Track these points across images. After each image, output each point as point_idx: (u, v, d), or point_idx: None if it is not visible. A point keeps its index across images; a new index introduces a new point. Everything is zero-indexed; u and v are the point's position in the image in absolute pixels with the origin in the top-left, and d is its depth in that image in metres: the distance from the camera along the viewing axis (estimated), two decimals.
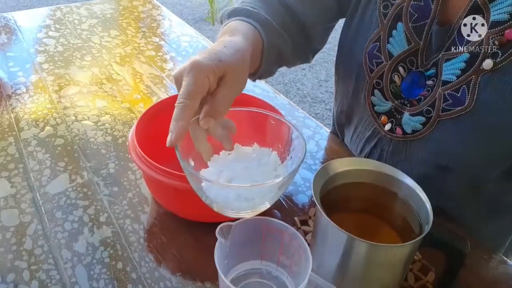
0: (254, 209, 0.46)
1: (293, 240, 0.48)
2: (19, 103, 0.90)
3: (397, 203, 0.53)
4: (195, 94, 0.43)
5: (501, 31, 0.53)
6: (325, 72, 2.93)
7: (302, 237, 0.47)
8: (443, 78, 0.59)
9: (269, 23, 0.64)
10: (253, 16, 0.62)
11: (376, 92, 0.66)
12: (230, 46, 0.49)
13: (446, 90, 0.58)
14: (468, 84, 0.56)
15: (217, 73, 0.45)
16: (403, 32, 0.61)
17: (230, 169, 0.46)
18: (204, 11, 3.91)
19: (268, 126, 0.51)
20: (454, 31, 0.57)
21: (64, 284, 0.55)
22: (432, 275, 0.56)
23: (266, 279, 0.52)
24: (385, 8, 0.62)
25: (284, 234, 0.48)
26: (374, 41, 0.64)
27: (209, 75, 0.44)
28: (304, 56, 0.76)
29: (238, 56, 0.48)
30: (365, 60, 0.66)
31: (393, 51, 0.63)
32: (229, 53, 0.47)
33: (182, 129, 0.42)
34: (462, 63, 0.56)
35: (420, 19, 0.59)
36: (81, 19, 1.31)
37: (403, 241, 0.51)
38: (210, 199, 0.44)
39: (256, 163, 0.47)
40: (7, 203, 0.66)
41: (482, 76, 0.55)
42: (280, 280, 0.52)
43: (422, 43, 0.60)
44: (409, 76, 0.63)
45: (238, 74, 0.47)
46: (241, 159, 0.47)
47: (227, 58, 0.46)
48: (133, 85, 0.99)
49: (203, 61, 0.44)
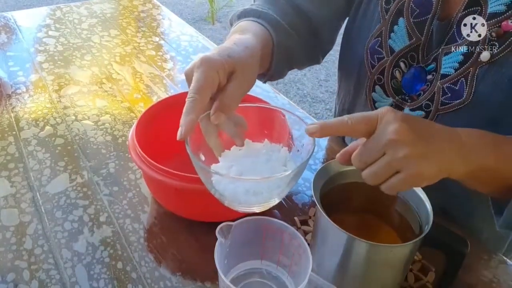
0: (263, 204, 0.46)
1: (293, 240, 0.48)
2: (19, 102, 0.90)
3: (397, 203, 0.53)
4: (204, 89, 0.43)
5: (498, 22, 0.53)
6: (325, 72, 2.93)
7: (302, 237, 0.47)
8: (441, 72, 0.59)
9: (279, 23, 0.64)
10: (263, 16, 0.63)
11: (377, 88, 0.67)
12: (240, 43, 0.50)
13: (444, 84, 0.59)
14: (466, 77, 0.56)
15: (226, 69, 0.45)
16: (404, 28, 0.61)
17: (240, 164, 0.46)
18: (204, 11, 3.90)
19: (277, 122, 0.51)
20: (453, 25, 0.57)
21: (64, 284, 0.55)
22: (432, 275, 0.56)
23: (266, 279, 0.52)
24: (387, 3, 0.63)
25: (284, 234, 0.48)
26: (376, 36, 0.64)
27: (219, 70, 0.44)
28: (315, 57, 0.77)
29: (248, 53, 0.49)
30: (367, 56, 0.66)
31: (394, 46, 0.63)
32: (239, 50, 0.48)
33: (192, 123, 0.42)
34: (460, 56, 0.57)
35: (422, 14, 0.60)
36: (81, 18, 1.31)
37: (403, 241, 0.51)
38: (219, 193, 0.45)
39: (266, 158, 0.47)
40: (7, 203, 0.66)
41: (479, 68, 0.55)
42: (280, 280, 0.52)
43: (424, 38, 0.60)
44: (410, 71, 0.63)
45: (247, 70, 0.47)
46: (251, 154, 0.48)
47: (237, 54, 0.47)
48: (133, 85, 0.99)
49: (212, 56, 0.45)
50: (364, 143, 0.43)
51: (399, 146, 0.40)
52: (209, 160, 0.48)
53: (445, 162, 0.43)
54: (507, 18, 0.52)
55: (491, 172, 0.47)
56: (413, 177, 0.41)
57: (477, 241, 0.61)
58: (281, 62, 0.68)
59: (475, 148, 0.46)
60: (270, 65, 0.66)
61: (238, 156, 0.48)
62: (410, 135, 0.41)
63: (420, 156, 0.41)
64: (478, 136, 0.47)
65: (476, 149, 0.46)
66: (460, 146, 0.45)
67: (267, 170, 0.46)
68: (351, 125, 0.42)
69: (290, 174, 0.44)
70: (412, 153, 0.40)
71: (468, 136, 0.46)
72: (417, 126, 0.42)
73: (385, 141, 0.41)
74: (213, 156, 0.48)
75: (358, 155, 0.43)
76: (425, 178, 0.42)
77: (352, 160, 0.44)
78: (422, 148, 0.41)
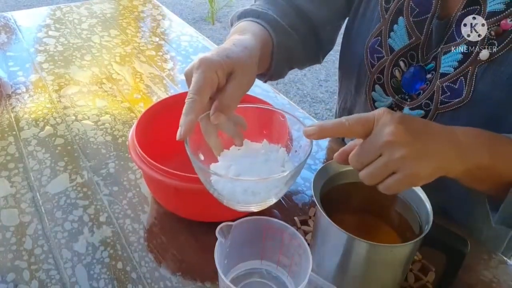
0: (261, 203, 0.47)
1: (293, 240, 0.48)
2: (19, 102, 0.90)
3: (397, 203, 0.53)
4: (203, 90, 0.44)
5: (497, 21, 0.53)
6: (325, 72, 2.93)
7: (302, 237, 0.47)
8: (441, 71, 0.59)
9: (278, 23, 0.65)
10: (262, 16, 0.63)
11: (377, 88, 0.67)
12: (239, 43, 0.50)
13: (444, 82, 0.59)
14: (465, 76, 0.57)
15: (225, 69, 0.46)
16: (404, 27, 0.61)
17: (239, 164, 0.47)
18: (204, 11, 3.90)
19: (276, 122, 0.52)
20: (453, 24, 0.57)
21: (64, 284, 0.55)
22: (432, 275, 0.56)
23: (266, 279, 0.52)
24: (386, 2, 0.63)
25: (284, 234, 0.48)
26: (376, 35, 0.65)
27: (218, 70, 0.45)
28: (315, 57, 0.77)
29: (247, 53, 0.49)
30: (367, 55, 0.66)
31: (394, 45, 0.63)
32: (238, 50, 0.48)
33: (191, 123, 0.43)
34: (459, 55, 0.57)
35: (421, 13, 0.60)
36: (81, 18, 1.31)
37: (403, 241, 0.51)
38: (218, 192, 0.45)
39: (264, 158, 0.48)
40: (7, 203, 0.66)
41: (479, 67, 0.56)
42: (280, 280, 0.52)
43: (423, 37, 0.60)
44: (410, 70, 0.63)
45: (246, 70, 0.48)
46: (249, 154, 0.48)
47: (235, 54, 0.47)
48: (133, 85, 0.99)
49: (211, 57, 0.45)
50: (361, 144, 0.43)
51: (396, 147, 0.41)
52: (208, 159, 0.49)
53: (442, 161, 0.43)
54: (506, 17, 0.53)
55: (487, 170, 0.47)
56: (409, 177, 0.42)
57: (477, 241, 0.61)
58: (281, 62, 0.68)
59: (471, 147, 0.46)
60: (270, 64, 0.66)
61: (237, 156, 0.48)
62: (406, 137, 0.41)
63: (416, 156, 0.41)
64: (475, 135, 0.48)
65: (473, 148, 0.46)
66: (457, 145, 0.45)
67: (265, 170, 0.47)
68: (348, 126, 0.43)
69: (287, 175, 0.44)
70: (408, 154, 0.41)
71: (464, 135, 0.46)
72: (414, 127, 0.43)
73: (382, 143, 0.41)
74: (212, 155, 0.48)
75: (355, 155, 0.43)
76: (421, 178, 0.42)
77: (350, 160, 0.44)
78: (418, 148, 0.41)
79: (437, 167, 0.43)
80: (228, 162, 0.47)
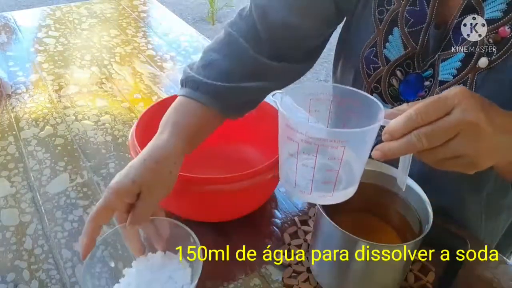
0: None
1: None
2: (19, 102, 0.90)
3: (397, 203, 0.53)
4: (98, 218, 0.49)
5: (495, 29, 0.53)
6: (325, 72, 2.93)
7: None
8: (440, 78, 0.59)
9: (223, 87, 0.59)
10: (201, 88, 0.59)
11: (375, 96, 0.66)
12: (150, 158, 0.52)
13: (442, 90, 0.58)
14: (464, 83, 0.56)
15: (133, 191, 0.50)
16: (399, 37, 0.61)
17: (139, 279, 0.51)
18: (204, 11, 3.91)
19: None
20: (450, 31, 0.57)
21: (64, 284, 0.55)
22: (432, 275, 0.56)
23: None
24: (380, 13, 0.62)
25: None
26: (371, 46, 0.64)
27: (124, 197, 0.49)
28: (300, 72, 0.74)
29: (157, 169, 0.52)
30: (362, 65, 0.66)
31: (389, 56, 0.62)
32: (146, 171, 0.51)
33: (87, 246, 0.49)
34: (458, 63, 0.56)
35: (416, 23, 0.59)
36: (81, 18, 1.31)
37: (403, 241, 0.51)
38: None
39: (167, 276, 0.51)
40: (7, 203, 0.66)
41: (478, 74, 0.55)
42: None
43: (419, 47, 0.60)
44: (407, 78, 0.63)
45: (153, 188, 0.51)
46: (157, 269, 0.52)
47: (141, 178, 0.50)
48: (133, 85, 0.99)
49: (116, 186, 0.49)
50: (434, 122, 0.40)
51: (475, 134, 0.40)
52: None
53: (504, 158, 0.44)
54: (504, 24, 0.52)
55: None
56: (469, 166, 0.42)
57: (477, 241, 0.61)
58: (244, 110, 0.65)
59: None
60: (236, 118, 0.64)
61: (145, 267, 0.52)
62: (487, 127, 0.40)
63: (487, 152, 0.41)
64: None
65: None
66: None
67: None
68: (422, 122, 0.41)
69: None
70: (483, 146, 0.41)
71: None
72: (495, 119, 0.41)
73: (462, 122, 0.39)
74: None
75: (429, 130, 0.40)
76: (478, 169, 0.42)
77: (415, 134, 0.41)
78: (494, 144, 0.41)
79: (496, 162, 0.43)
80: (131, 279, 0.51)
